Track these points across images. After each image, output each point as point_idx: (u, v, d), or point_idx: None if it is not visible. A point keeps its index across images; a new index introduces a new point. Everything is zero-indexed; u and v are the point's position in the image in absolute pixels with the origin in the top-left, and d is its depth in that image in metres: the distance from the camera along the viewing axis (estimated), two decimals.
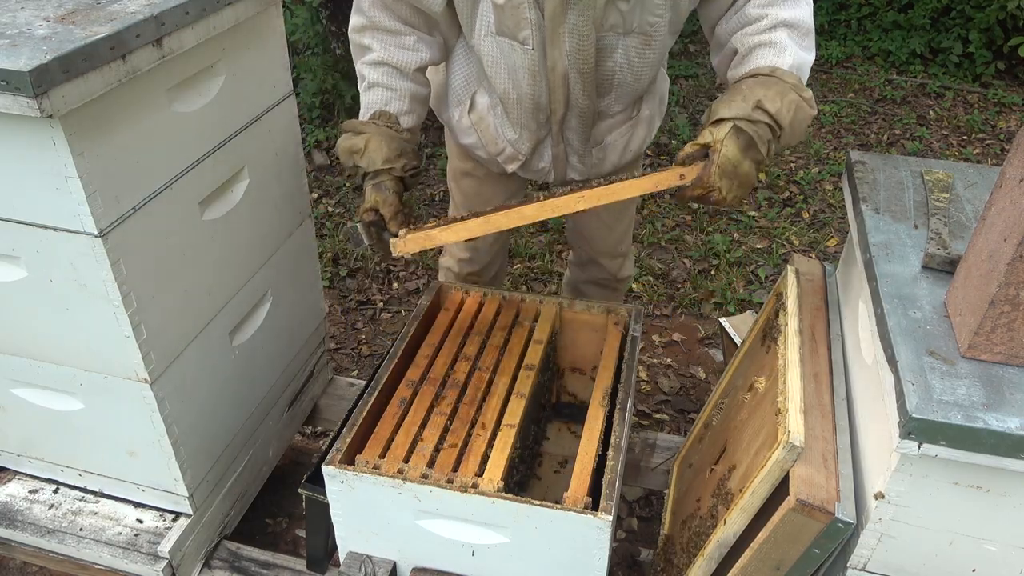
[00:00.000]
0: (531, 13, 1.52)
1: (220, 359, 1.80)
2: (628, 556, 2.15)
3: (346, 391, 2.40)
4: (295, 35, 4.04)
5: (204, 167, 1.63)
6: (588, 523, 1.35)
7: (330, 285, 3.34)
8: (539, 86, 1.65)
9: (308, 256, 2.14)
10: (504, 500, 1.38)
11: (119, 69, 1.33)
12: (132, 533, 1.80)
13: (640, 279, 3.37)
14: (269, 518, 2.28)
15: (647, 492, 2.37)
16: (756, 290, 3.33)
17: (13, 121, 1.26)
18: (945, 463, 1.17)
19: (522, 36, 1.57)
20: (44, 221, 1.40)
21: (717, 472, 1.62)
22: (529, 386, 1.63)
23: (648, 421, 2.69)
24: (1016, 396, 1.15)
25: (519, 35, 1.57)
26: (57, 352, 1.60)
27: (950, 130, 4.70)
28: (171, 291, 1.59)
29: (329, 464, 1.44)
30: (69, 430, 1.74)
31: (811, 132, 4.60)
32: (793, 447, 1.30)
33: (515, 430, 1.52)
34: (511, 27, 1.56)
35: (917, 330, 1.27)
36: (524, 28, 1.55)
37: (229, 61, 1.64)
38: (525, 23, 1.55)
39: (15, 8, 1.38)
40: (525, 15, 1.53)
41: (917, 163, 1.72)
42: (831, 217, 3.82)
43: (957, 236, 1.47)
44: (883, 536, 1.28)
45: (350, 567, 1.55)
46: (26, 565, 2.12)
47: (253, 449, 2.01)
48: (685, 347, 3.06)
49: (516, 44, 1.59)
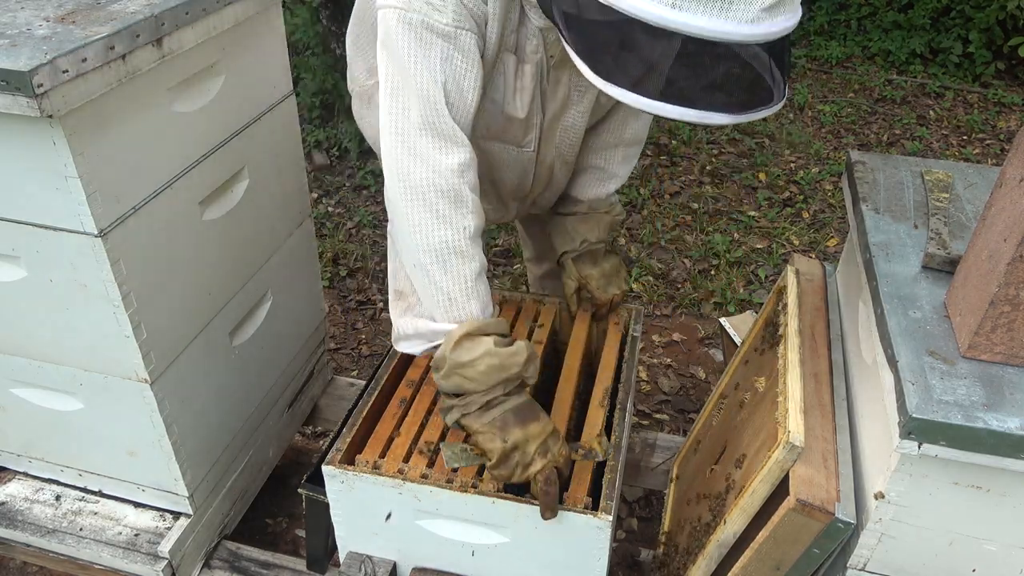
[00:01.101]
0: (537, 118, 1.52)
1: (220, 359, 1.80)
2: (628, 556, 2.15)
3: (346, 391, 2.40)
4: (295, 35, 4.04)
5: (204, 167, 1.63)
6: (588, 523, 1.35)
7: (330, 285, 3.34)
8: (526, 177, 1.65)
9: (308, 256, 2.14)
10: (504, 500, 1.37)
11: (119, 69, 1.33)
12: (132, 533, 1.80)
13: (640, 279, 3.37)
14: (269, 518, 2.28)
15: (647, 492, 2.37)
16: (756, 290, 3.33)
17: (13, 121, 1.26)
18: (945, 463, 1.17)
19: (526, 141, 1.56)
20: (44, 221, 1.40)
21: (717, 472, 1.62)
22: None
23: (648, 421, 2.69)
24: (1016, 396, 1.15)
25: (523, 140, 1.55)
26: (57, 352, 1.60)
27: (950, 130, 4.70)
28: (171, 291, 1.59)
29: (329, 464, 1.44)
30: (69, 430, 1.74)
31: (811, 132, 4.61)
32: (793, 447, 1.30)
33: None
34: (518, 136, 1.54)
35: (917, 330, 1.27)
36: (530, 133, 1.54)
37: (229, 61, 1.64)
38: (532, 129, 1.53)
39: (15, 8, 1.38)
40: (534, 122, 1.52)
41: (917, 163, 1.72)
42: (831, 217, 3.82)
43: (957, 236, 1.47)
44: (883, 536, 1.28)
45: (350, 567, 1.55)
46: (26, 565, 2.12)
47: (253, 449, 2.01)
48: (685, 347, 3.06)
49: (514, 148, 1.57)
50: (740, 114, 1.14)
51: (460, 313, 1.32)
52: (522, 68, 1.42)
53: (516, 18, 1.36)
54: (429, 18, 1.24)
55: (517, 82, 1.43)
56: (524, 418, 1.31)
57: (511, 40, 1.38)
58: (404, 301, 1.46)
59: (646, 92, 1.11)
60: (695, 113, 1.11)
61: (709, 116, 1.12)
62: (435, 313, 1.34)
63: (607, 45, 1.12)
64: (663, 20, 1.03)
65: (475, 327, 1.30)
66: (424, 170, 1.28)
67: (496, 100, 1.46)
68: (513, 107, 1.47)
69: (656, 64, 1.09)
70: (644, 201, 3.88)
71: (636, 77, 1.11)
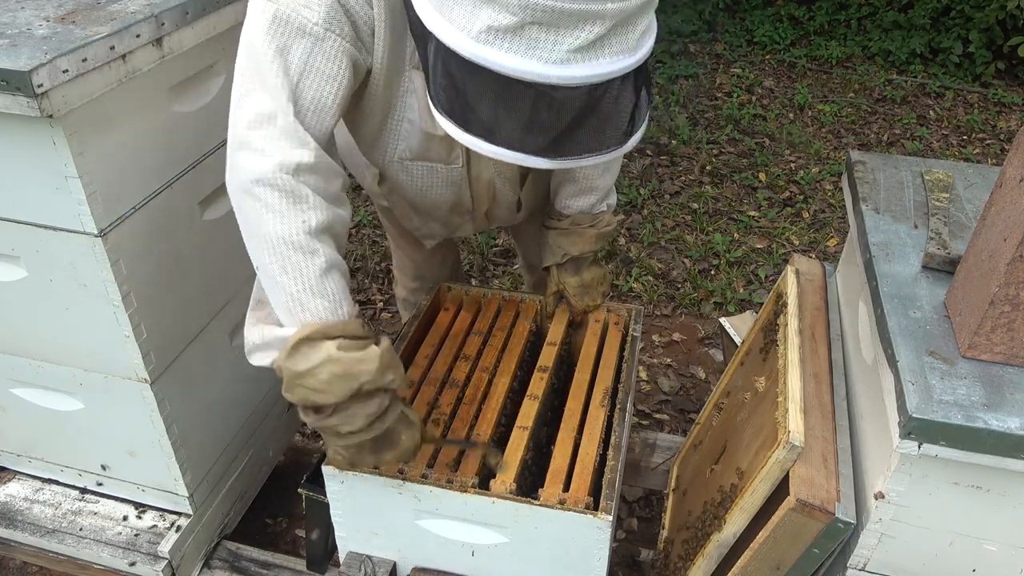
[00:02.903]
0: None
1: (220, 359, 1.80)
2: (628, 556, 2.15)
3: None
4: None
5: (204, 167, 1.63)
6: (588, 523, 1.35)
7: None
8: (463, 194, 1.60)
9: None
10: (504, 500, 1.37)
11: (119, 69, 1.33)
12: (132, 533, 1.80)
13: (640, 279, 3.37)
14: (269, 518, 2.28)
15: (647, 492, 2.37)
16: (756, 290, 3.33)
17: (13, 121, 1.26)
18: (945, 463, 1.17)
19: (452, 157, 1.50)
20: (44, 221, 1.40)
21: (717, 472, 1.62)
22: (543, 388, 1.63)
23: (648, 421, 2.69)
24: (1016, 396, 1.15)
25: (449, 157, 1.49)
26: (57, 352, 1.60)
27: (950, 130, 4.70)
28: (171, 291, 1.59)
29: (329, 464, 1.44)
30: (69, 430, 1.74)
31: (811, 132, 4.61)
32: (793, 447, 1.30)
33: (528, 432, 1.51)
34: (442, 153, 1.48)
35: (917, 330, 1.27)
36: (455, 149, 1.48)
37: (229, 61, 1.64)
38: (456, 145, 1.45)
39: (15, 8, 1.38)
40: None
41: (917, 163, 1.72)
42: (831, 217, 3.82)
43: (957, 236, 1.47)
44: (883, 536, 1.28)
45: (350, 567, 1.55)
46: (26, 565, 2.12)
47: (253, 449, 2.01)
48: (685, 347, 3.06)
49: (440, 165, 1.51)
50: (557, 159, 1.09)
51: (305, 315, 1.18)
52: None
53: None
54: (297, 14, 1.17)
55: None
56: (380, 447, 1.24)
57: (417, 57, 1.30)
58: (262, 310, 1.30)
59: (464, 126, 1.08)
60: (510, 154, 1.08)
61: (525, 158, 1.08)
62: (282, 318, 1.21)
63: (435, 71, 1.09)
64: (468, 53, 1.01)
65: (314, 329, 1.15)
66: (255, 163, 1.17)
67: (412, 120, 1.41)
68: (430, 125, 1.40)
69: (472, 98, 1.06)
70: (644, 201, 3.88)
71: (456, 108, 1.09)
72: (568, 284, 1.77)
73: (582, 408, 1.59)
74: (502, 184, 1.62)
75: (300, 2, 1.17)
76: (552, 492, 1.39)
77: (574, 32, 0.98)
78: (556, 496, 1.38)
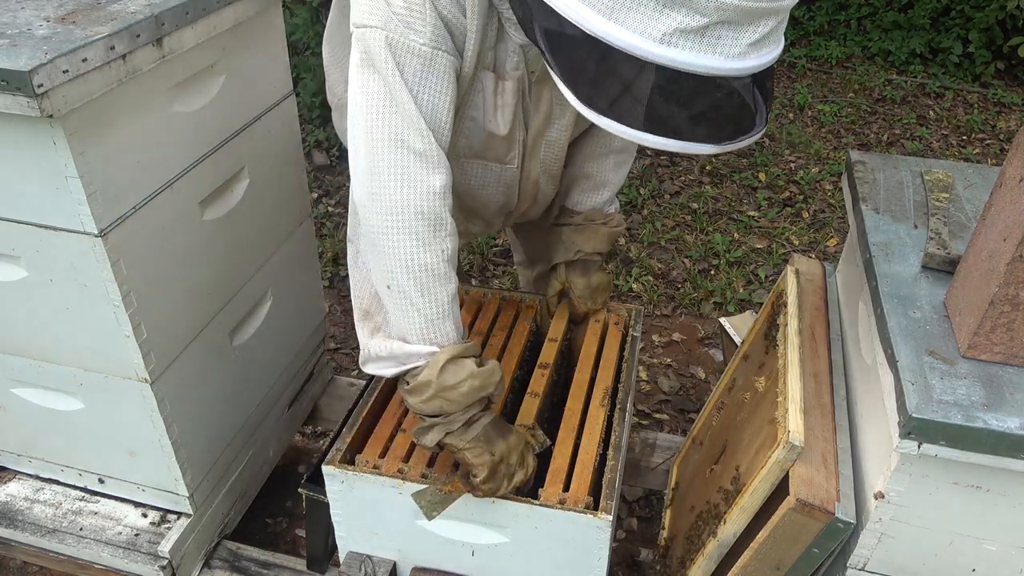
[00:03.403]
0: (520, 134, 1.50)
1: (220, 359, 1.80)
2: (628, 556, 2.15)
3: (346, 391, 2.40)
4: (295, 35, 4.03)
5: (204, 167, 1.63)
6: (588, 523, 1.35)
7: (330, 285, 3.34)
8: (512, 194, 1.63)
9: (308, 256, 2.14)
10: (504, 500, 1.38)
11: (119, 69, 1.33)
12: (132, 533, 1.80)
13: (640, 279, 3.37)
14: (269, 518, 2.28)
15: (647, 492, 2.37)
16: (756, 290, 3.33)
17: (13, 121, 1.26)
18: (945, 463, 1.17)
19: (509, 157, 1.53)
20: (44, 221, 1.40)
21: (717, 472, 1.62)
22: (543, 385, 1.63)
23: (648, 421, 2.69)
24: (1016, 396, 1.15)
25: (506, 157, 1.53)
26: (57, 352, 1.60)
27: (950, 130, 4.70)
28: (171, 291, 1.59)
29: (329, 464, 1.45)
30: (69, 430, 1.75)
31: (811, 132, 4.61)
32: (793, 447, 1.30)
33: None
34: (500, 153, 1.52)
35: (917, 330, 1.27)
36: (513, 149, 1.52)
37: (229, 61, 1.64)
38: (516, 145, 1.51)
39: (15, 8, 1.38)
40: (517, 138, 1.50)
41: (917, 163, 1.72)
42: (831, 217, 3.82)
43: (957, 236, 1.47)
44: (883, 536, 1.28)
45: (350, 567, 1.55)
46: (26, 565, 2.12)
47: (253, 449, 2.01)
48: (685, 347, 3.06)
49: (495, 164, 1.54)
50: (722, 144, 1.14)
51: (436, 334, 1.31)
52: (502, 85, 1.40)
53: (494, 35, 1.33)
54: (406, 38, 1.22)
55: (497, 99, 1.42)
56: (502, 431, 1.36)
57: (488, 58, 1.36)
58: (371, 321, 1.41)
59: (630, 121, 1.10)
60: (677, 143, 1.11)
61: (692, 146, 1.12)
62: (408, 334, 1.32)
63: (592, 74, 1.11)
64: (652, 55, 1.03)
65: (461, 349, 1.31)
66: (405, 191, 1.26)
67: (476, 118, 1.44)
68: (494, 124, 1.45)
69: (641, 95, 1.09)
70: (644, 201, 3.88)
71: (620, 106, 1.10)
72: (575, 285, 1.77)
73: (582, 408, 1.59)
74: (545, 183, 1.65)
75: (407, 24, 1.22)
76: (552, 492, 1.39)
77: (751, 27, 1.03)
78: (556, 496, 1.38)
